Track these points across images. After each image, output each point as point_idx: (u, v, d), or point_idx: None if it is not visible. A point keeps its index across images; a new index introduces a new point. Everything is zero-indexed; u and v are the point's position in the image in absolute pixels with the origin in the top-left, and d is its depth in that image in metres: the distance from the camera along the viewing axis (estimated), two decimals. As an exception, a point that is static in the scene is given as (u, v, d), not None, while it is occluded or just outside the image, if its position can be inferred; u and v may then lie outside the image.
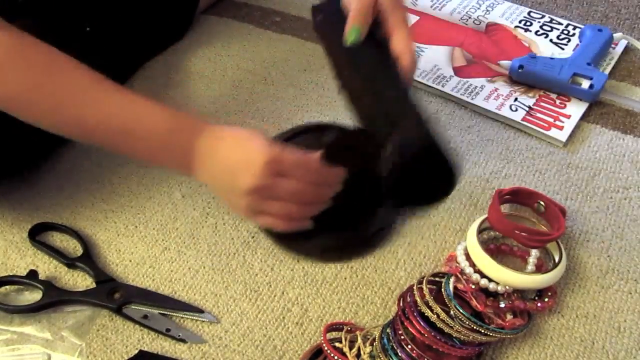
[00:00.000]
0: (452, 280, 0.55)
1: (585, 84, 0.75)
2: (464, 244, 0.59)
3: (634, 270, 0.60)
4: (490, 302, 0.55)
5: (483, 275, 0.56)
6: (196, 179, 0.58)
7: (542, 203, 0.62)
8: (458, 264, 0.58)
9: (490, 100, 0.76)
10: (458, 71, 0.81)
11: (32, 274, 0.61)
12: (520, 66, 0.77)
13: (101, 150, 0.65)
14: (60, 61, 0.56)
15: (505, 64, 0.79)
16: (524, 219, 0.63)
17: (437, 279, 0.57)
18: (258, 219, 0.57)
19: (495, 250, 0.61)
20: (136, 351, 0.56)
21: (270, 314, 0.58)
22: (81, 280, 0.62)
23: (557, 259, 0.57)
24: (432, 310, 0.52)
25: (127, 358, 0.56)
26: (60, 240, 0.66)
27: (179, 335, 0.57)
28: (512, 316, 0.54)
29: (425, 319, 0.52)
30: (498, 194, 0.61)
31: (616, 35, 0.83)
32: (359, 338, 0.54)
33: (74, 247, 0.65)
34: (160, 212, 0.67)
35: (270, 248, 0.63)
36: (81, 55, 0.62)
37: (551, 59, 0.78)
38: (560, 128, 0.72)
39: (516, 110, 0.75)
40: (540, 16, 0.89)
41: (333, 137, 0.66)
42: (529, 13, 0.89)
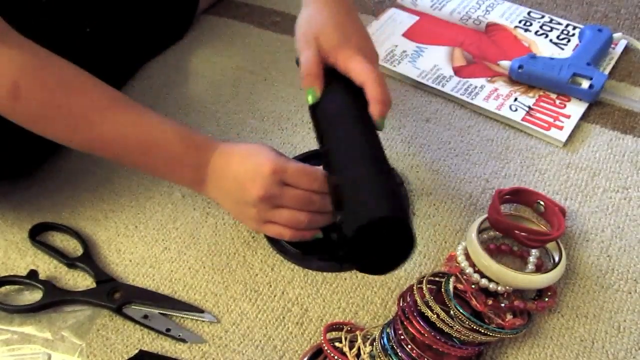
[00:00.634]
0: (452, 280, 0.56)
1: (585, 84, 0.75)
2: (464, 244, 0.59)
3: (634, 270, 0.60)
4: (490, 302, 0.55)
5: (483, 275, 0.56)
6: (205, 195, 0.60)
7: (542, 203, 0.63)
8: (458, 264, 0.58)
9: (490, 100, 0.76)
10: (458, 71, 0.81)
11: (32, 274, 0.61)
12: (520, 66, 0.77)
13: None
14: (76, 79, 0.56)
15: (505, 64, 0.79)
16: (524, 219, 0.63)
17: (437, 279, 0.57)
18: (267, 228, 0.58)
19: (495, 250, 0.61)
20: (136, 351, 0.56)
21: (270, 314, 0.58)
22: (81, 280, 0.62)
23: (557, 259, 0.58)
24: (432, 310, 0.52)
25: (127, 358, 0.56)
26: (61, 240, 0.66)
27: (179, 335, 0.57)
28: (512, 316, 0.54)
29: (425, 319, 0.52)
30: (498, 194, 0.61)
31: (616, 35, 0.83)
32: (359, 338, 0.54)
33: (74, 247, 0.65)
34: (160, 212, 0.67)
35: (270, 248, 0.63)
36: (81, 55, 0.62)
37: (551, 59, 0.78)
38: (560, 128, 0.72)
39: (516, 110, 0.75)
40: (540, 16, 0.89)
41: None
42: (529, 13, 0.89)
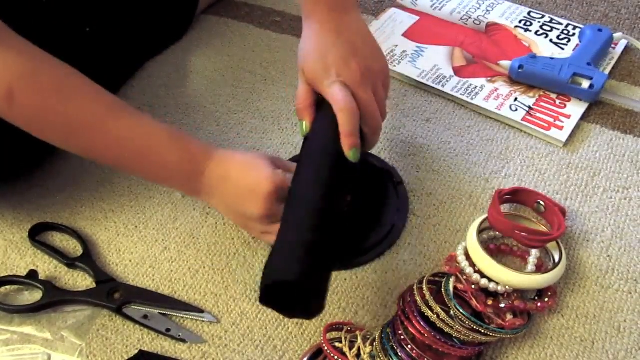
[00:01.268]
0: (452, 280, 0.55)
1: (585, 84, 0.75)
2: (464, 244, 0.59)
3: (634, 270, 0.60)
4: (490, 302, 0.55)
5: (483, 275, 0.56)
6: (204, 201, 0.61)
7: (542, 203, 0.63)
8: (458, 264, 0.58)
9: (490, 100, 0.76)
10: (458, 71, 0.81)
11: (32, 274, 0.61)
12: (520, 66, 0.77)
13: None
14: (72, 83, 0.56)
15: (505, 64, 0.79)
16: (524, 219, 0.63)
17: (437, 279, 0.57)
18: (267, 238, 0.59)
19: (495, 250, 0.61)
20: (136, 351, 0.56)
21: (270, 314, 0.58)
22: (81, 280, 0.62)
23: (557, 259, 0.58)
24: (432, 310, 0.52)
25: (127, 358, 0.56)
26: (60, 240, 0.66)
27: (179, 335, 0.57)
28: (512, 316, 0.54)
29: (425, 319, 0.52)
30: (498, 194, 0.61)
31: (616, 35, 0.83)
32: (359, 338, 0.54)
33: (74, 247, 0.65)
34: (160, 212, 0.67)
35: (270, 248, 0.63)
36: (81, 55, 0.62)
37: (551, 59, 0.78)
38: (560, 128, 0.72)
39: (516, 110, 0.75)
40: (540, 16, 0.89)
41: None
42: (529, 13, 0.89)
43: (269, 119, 0.77)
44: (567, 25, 0.87)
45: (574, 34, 0.85)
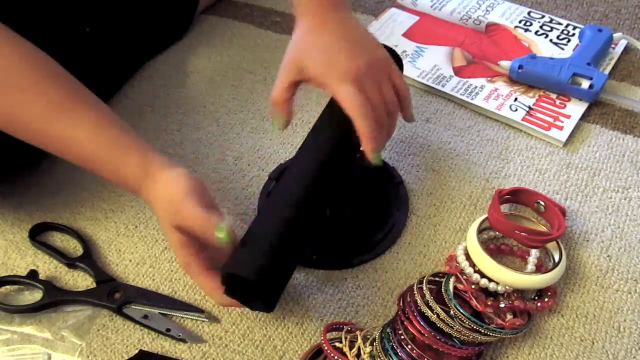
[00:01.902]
0: (452, 280, 0.56)
1: (585, 84, 0.75)
2: (464, 244, 0.59)
3: (634, 270, 0.60)
4: (490, 302, 0.55)
5: (483, 275, 0.56)
6: None
7: (542, 203, 0.63)
8: (458, 264, 0.58)
9: (490, 100, 0.76)
10: (458, 71, 0.81)
11: (32, 274, 0.61)
12: (520, 66, 0.77)
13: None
14: (16, 77, 0.53)
15: (505, 64, 0.79)
16: (524, 219, 0.63)
17: (437, 279, 0.57)
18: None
19: (495, 250, 0.61)
20: (136, 351, 0.56)
21: (270, 314, 0.58)
22: (81, 280, 0.62)
23: (557, 259, 0.58)
24: (432, 310, 0.52)
25: (127, 358, 0.56)
26: (61, 240, 0.66)
27: (179, 335, 0.57)
28: (512, 316, 0.54)
29: (425, 319, 0.52)
30: (498, 194, 0.61)
31: (616, 35, 0.83)
32: (359, 338, 0.54)
33: (74, 247, 0.65)
34: (161, 212, 0.67)
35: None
36: (81, 55, 0.62)
37: (551, 59, 0.78)
38: (560, 128, 0.72)
39: (516, 110, 0.75)
40: (540, 16, 0.89)
41: None
42: (529, 13, 0.89)
43: (269, 119, 0.77)
44: (567, 26, 0.87)
45: (573, 34, 0.85)
